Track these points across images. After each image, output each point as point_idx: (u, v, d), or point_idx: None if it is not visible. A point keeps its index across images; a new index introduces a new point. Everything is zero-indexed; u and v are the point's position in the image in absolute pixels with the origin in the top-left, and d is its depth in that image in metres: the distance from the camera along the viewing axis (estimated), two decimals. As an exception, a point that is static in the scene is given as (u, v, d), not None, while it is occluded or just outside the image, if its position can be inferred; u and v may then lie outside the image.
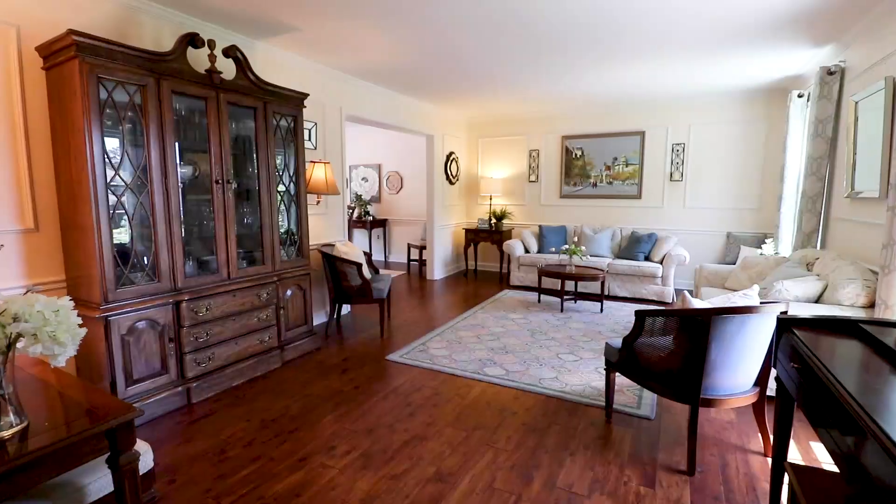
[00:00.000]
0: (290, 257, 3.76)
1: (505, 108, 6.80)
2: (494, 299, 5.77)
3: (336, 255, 4.29)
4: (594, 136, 6.79)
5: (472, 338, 4.25)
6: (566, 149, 7.00)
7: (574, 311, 5.19)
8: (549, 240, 6.57)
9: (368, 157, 8.99)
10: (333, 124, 4.85)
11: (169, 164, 2.83)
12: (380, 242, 9.07)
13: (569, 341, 4.16)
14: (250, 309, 3.37)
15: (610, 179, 6.76)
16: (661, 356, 2.42)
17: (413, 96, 6.06)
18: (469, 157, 7.85)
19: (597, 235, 6.37)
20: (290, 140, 3.70)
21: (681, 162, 6.33)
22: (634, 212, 6.67)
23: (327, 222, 4.85)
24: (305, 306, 3.89)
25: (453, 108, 6.91)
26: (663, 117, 6.37)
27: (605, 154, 6.75)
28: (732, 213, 6.13)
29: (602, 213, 6.88)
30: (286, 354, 3.69)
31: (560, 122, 7.02)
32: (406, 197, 8.69)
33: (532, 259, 6.36)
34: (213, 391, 3.12)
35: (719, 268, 4.44)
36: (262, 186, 3.44)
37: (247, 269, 3.37)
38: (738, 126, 5.99)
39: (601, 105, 6.54)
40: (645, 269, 5.65)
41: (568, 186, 7.06)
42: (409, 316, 5.04)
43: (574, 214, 7.07)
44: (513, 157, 7.47)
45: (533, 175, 7.31)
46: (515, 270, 6.53)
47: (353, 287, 4.24)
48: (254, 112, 3.37)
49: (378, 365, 3.63)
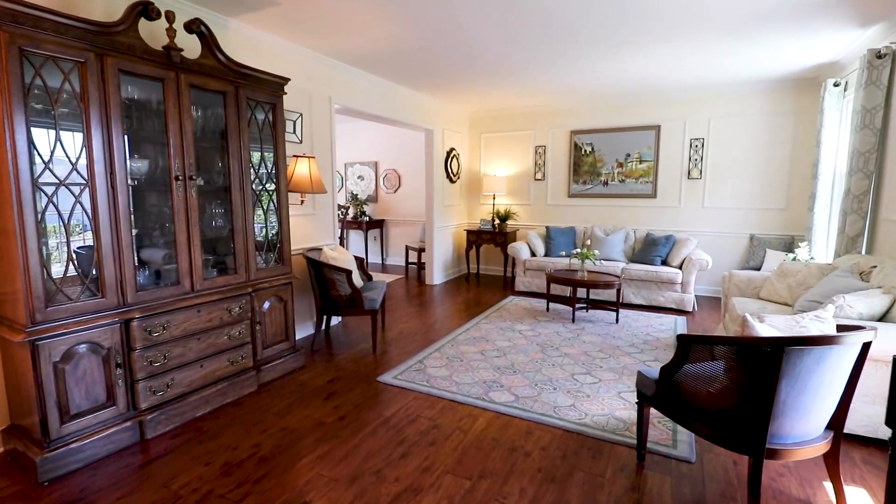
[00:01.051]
0: (269, 264, 3.31)
1: (509, 101, 6.34)
2: (499, 307, 5.31)
3: (323, 261, 3.83)
4: (605, 131, 6.33)
5: (475, 354, 3.79)
6: (575, 145, 6.54)
7: (586, 322, 4.73)
8: (557, 242, 6.11)
9: (364, 155, 8.53)
10: (321, 116, 4.39)
11: (116, 157, 2.37)
12: (376, 244, 8.61)
13: (584, 358, 3.70)
14: (219, 326, 2.91)
15: (622, 177, 6.30)
16: (711, 393, 1.96)
17: (411, 87, 5.60)
18: (471, 153, 7.39)
19: (609, 237, 5.90)
20: (268, 131, 3.24)
21: (699, 158, 5.86)
22: (649, 212, 6.20)
23: (315, 224, 4.39)
24: (286, 320, 3.44)
25: (454, 102, 6.45)
26: (681, 110, 5.91)
27: (617, 150, 6.29)
28: (756, 213, 5.66)
29: (614, 213, 6.42)
30: (263, 376, 3.24)
31: (568, 116, 6.56)
32: (404, 196, 8.24)
33: (539, 263, 5.90)
34: (171, 424, 2.66)
35: (752, 275, 3.97)
36: (233, 183, 2.98)
37: (215, 279, 2.92)
38: (762, 119, 5.52)
39: (613, 97, 6.07)
40: (663, 274, 5.19)
41: (577, 185, 6.60)
42: (406, 326, 4.58)
43: (583, 215, 6.61)
44: (517, 154, 7.00)
45: (539, 173, 6.84)
46: (521, 275, 6.07)
47: (342, 297, 3.78)
48: (223, 98, 2.91)
49: (368, 388, 3.17)
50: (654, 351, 3.88)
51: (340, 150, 8.74)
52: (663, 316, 4.99)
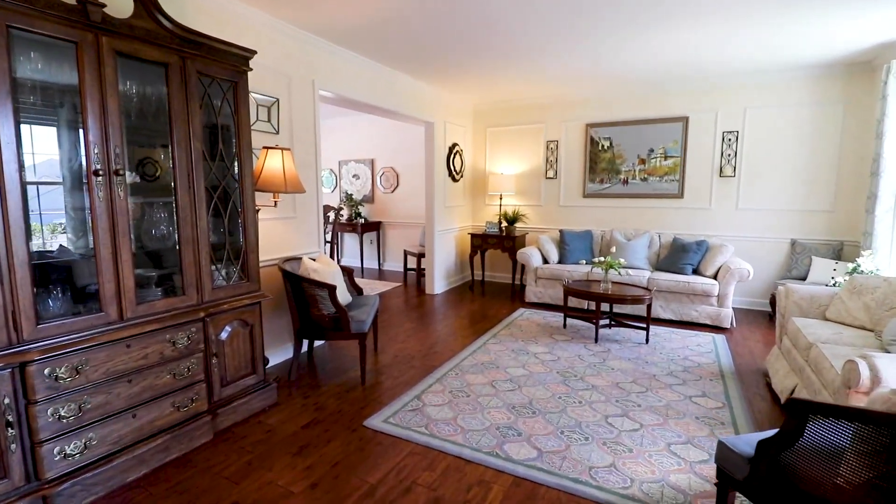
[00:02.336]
0: (230, 281, 2.67)
1: (518, 90, 5.70)
2: (509, 322, 4.67)
3: (302, 274, 3.20)
4: (626, 124, 5.68)
5: (483, 386, 3.15)
6: (591, 139, 5.90)
7: (611, 342, 4.09)
8: (573, 247, 5.47)
9: (360, 152, 7.90)
10: (303, 102, 3.76)
11: (2, 147, 1.74)
12: (373, 248, 7.98)
13: (616, 392, 3.06)
14: (159, 363, 2.27)
15: (644, 175, 5.65)
16: (843, 488, 1.33)
17: (408, 73, 4.97)
18: (475, 149, 6.75)
19: (631, 243, 5.26)
20: (228, 115, 2.61)
21: (733, 154, 5.21)
22: (675, 214, 5.56)
23: (296, 229, 3.76)
24: (253, 348, 2.80)
25: (457, 91, 5.81)
26: (712, 100, 5.26)
27: (639, 145, 5.64)
28: (798, 215, 5.01)
29: (635, 215, 5.77)
30: (222, 420, 2.60)
31: (584, 107, 5.91)
32: (403, 196, 7.60)
33: (553, 271, 5.26)
34: (91, 496, 2.03)
35: (815, 290, 3.33)
36: (179, 181, 2.34)
37: (154, 302, 2.28)
38: (806, 109, 4.87)
39: (636, 85, 5.43)
40: (696, 285, 4.54)
41: (593, 184, 5.95)
42: (402, 347, 3.94)
43: (601, 217, 5.96)
44: (527, 150, 6.36)
45: (551, 171, 6.20)
46: (532, 284, 5.43)
47: (324, 317, 3.15)
48: (165, 71, 2.28)
49: (352, 436, 2.54)
50: (699, 383, 3.23)
51: (334, 147, 8.11)
52: (698, 334, 4.34)
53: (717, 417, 2.74)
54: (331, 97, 4.28)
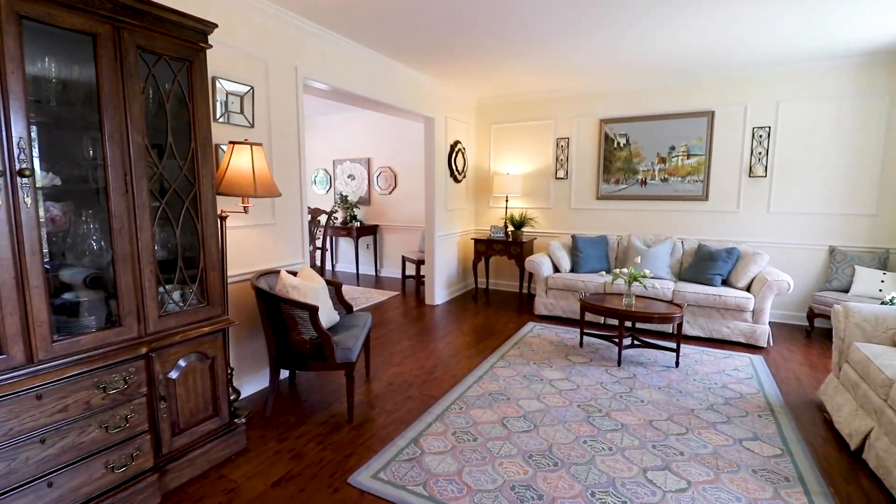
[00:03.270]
0: (186, 305, 2.19)
1: (526, 84, 5.21)
2: (517, 340, 4.19)
3: (279, 292, 2.72)
4: (644, 119, 5.20)
5: (493, 425, 2.67)
6: (606, 136, 5.41)
7: (636, 365, 3.61)
8: (586, 254, 4.98)
9: (355, 150, 7.42)
10: (283, 92, 3.28)
11: None
12: (369, 253, 7.49)
13: (652, 435, 2.57)
14: (84, 415, 1.79)
15: (665, 175, 5.17)
16: None
17: (407, 62, 4.48)
18: (479, 148, 6.27)
19: (651, 250, 4.77)
20: (179, 103, 2.13)
21: (765, 152, 4.73)
22: (699, 218, 5.07)
23: (275, 239, 3.27)
24: (215, 386, 2.32)
25: (460, 85, 5.33)
26: (741, 92, 4.78)
27: (659, 142, 5.16)
28: (838, 220, 4.53)
29: (654, 219, 5.28)
30: (172, 478, 2.12)
31: (598, 101, 5.42)
32: (401, 198, 7.12)
33: (565, 281, 4.77)
34: None
35: (880, 311, 2.83)
36: (113, 184, 1.86)
37: (79, 338, 1.80)
38: (846, 102, 4.38)
39: (657, 77, 4.94)
40: (728, 299, 4.05)
41: (608, 185, 5.47)
42: (398, 372, 3.46)
43: (616, 221, 5.47)
44: (535, 148, 5.88)
45: (561, 171, 5.71)
46: (542, 295, 4.95)
47: (304, 342, 2.67)
48: (93, 44, 1.79)
49: (333, 499, 2.05)
50: (746, 420, 2.75)
51: (328, 146, 7.63)
52: (732, 354, 3.85)
53: (778, 470, 2.25)
54: (322, 88, 3.80)
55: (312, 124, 7.71)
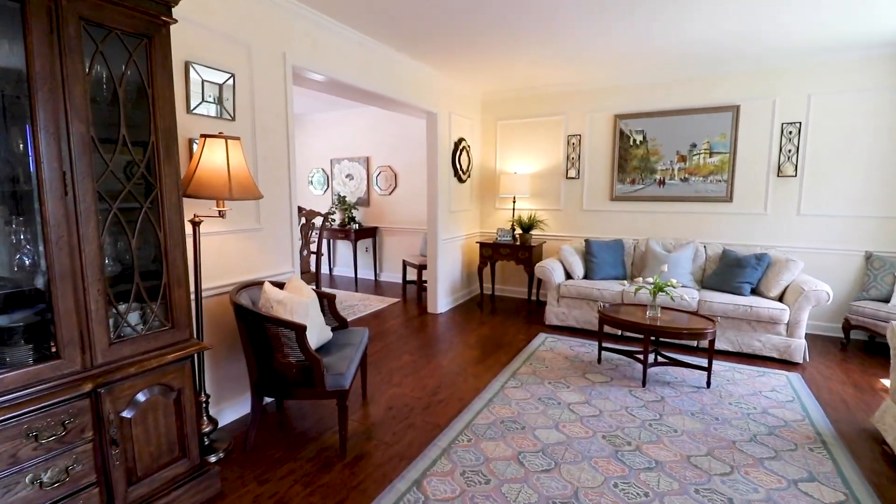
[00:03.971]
0: (146, 329, 1.84)
1: (535, 77, 4.86)
2: (529, 354, 3.84)
3: (262, 308, 2.37)
4: (663, 115, 4.84)
5: (507, 462, 2.32)
6: (621, 133, 5.06)
7: (662, 385, 3.26)
8: (601, 260, 4.63)
9: (354, 148, 7.07)
10: (270, 81, 2.93)
11: None
12: (368, 256, 7.15)
13: (693, 476, 2.22)
14: (8, 471, 1.45)
15: (685, 175, 4.82)
16: None
17: (408, 53, 4.14)
18: (484, 145, 5.92)
19: (672, 255, 4.42)
20: (138, 88, 1.78)
21: (794, 149, 4.37)
22: (722, 220, 4.71)
23: (260, 246, 2.93)
24: (181, 423, 1.97)
25: (464, 78, 4.98)
26: (769, 85, 4.42)
27: (679, 139, 4.80)
28: (875, 223, 4.17)
29: (673, 221, 4.93)
30: (128, 537, 1.78)
31: (613, 95, 5.07)
32: (402, 199, 6.77)
33: (579, 289, 4.42)
34: None
35: (949, 330, 2.48)
36: (48, 185, 1.51)
37: (1, 377, 1.45)
38: (886, 95, 4.03)
39: (677, 68, 4.59)
40: (761, 310, 3.70)
41: (623, 185, 5.11)
42: (398, 393, 3.12)
43: (631, 224, 5.12)
44: (544, 146, 5.52)
45: (573, 170, 5.36)
46: (553, 304, 4.60)
47: (290, 366, 2.32)
48: (22, 15, 1.45)
49: (320, 561, 1.71)
50: (797, 455, 2.39)
51: (325, 144, 7.29)
52: (766, 371, 3.50)
53: (848, 523, 1.90)
54: (317, 80, 3.47)
55: (308, 122, 7.37)
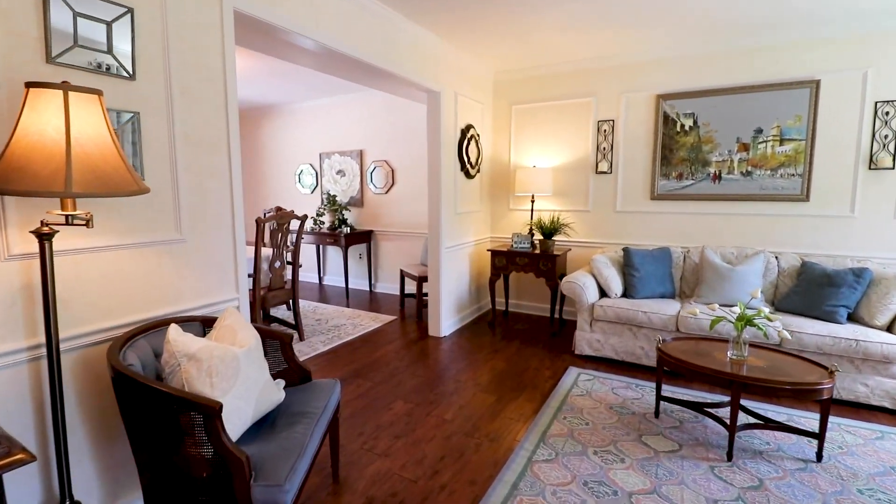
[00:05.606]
0: None
1: (559, 49, 3.95)
2: (560, 402, 2.93)
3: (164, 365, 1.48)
4: (719, 93, 3.92)
5: None
6: (665, 116, 4.14)
7: (752, 456, 2.34)
8: (644, 273, 3.71)
9: (345, 141, 6.18)
10: (196, 25, 2.04)
11: None
12: (362, 264, 6.26)
13: None
14: None
15: (747, 167, 3.89)
16: None
17: (403, 10, 3.24)
18: (496, 134, 5.01)
19: (737, 268, 3.49)
20: None
21: (892, 134, 3.44)
22: (797, 225, 3.78)
23: (183, 266, 2.03)
24: None
25: (474, 52, 4.07)
26: (859, 53, 3.49)
27: (740, 123, 3.88)
28: None
29: (731, 226, 4.00)
30: None
31: (655, 70, 4.15)
32: (400, 198, 5.88)
33: (619, 311, 3.50)
34: None
35: None
36: None
37: None
38: None
39: (736, 34, 3.66)
40: (871, 345, 2.76)
41: (667, 181, 4.19)
42: (383, 469, 2.21)
43: (677, 228, 4.19)
44: (569, 135, 4.61)
45: (604, 162, 4.44)
46: (585, 328, 3.68)
47: (199, 462, 1.43)
48: None
49: None
50: None
51: (314, 137, 6.41)
52: (885, 431, 2.57)
53: None
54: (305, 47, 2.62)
55: (293, 111, 6.50)
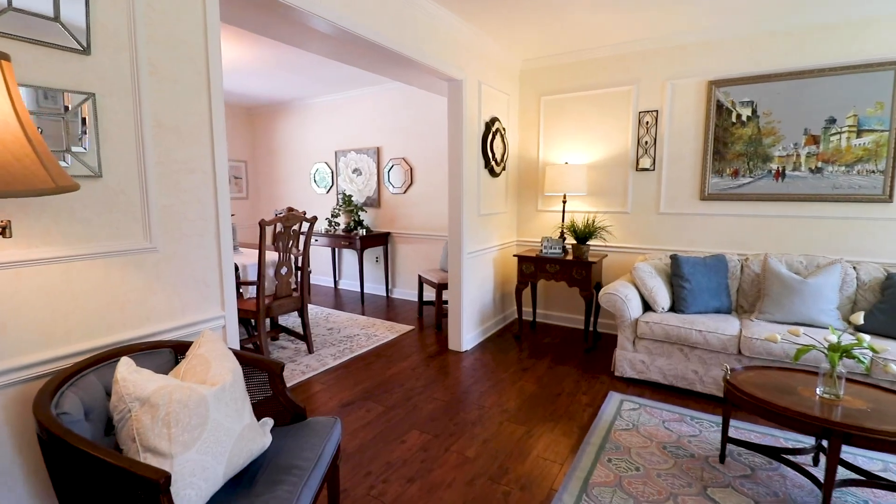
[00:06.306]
0: None
1: (595, 30, 3.51)
2: (602, 438, 2.50)
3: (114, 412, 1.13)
4: (783, 77, 3.41)
5: None
6: (718, 105, 3.65)
7: (848, 518, 1.88)
8: (697, 285, 3.24)
9: (362, 138, 5.85)
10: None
11: None
12: (379, 268, 5.91)
13: None
14: None
15: (817, 163, 3.37)
16: None
17: (419, -14, 2.87)
18: (524, 129, 4.59)
19: (809, 281, 2.99)
20: None
21: None
22: (878, 230, 3.25)
23: (154, 279, 1.69)
24: None
25: (499, 35, 3.66)
26: (961, 25, 2.95)
27: (809, 112, 3.37)
28: None
29: (799, 230, 3.48)
30: None
31: (707, 52, 3.66)
32: (419, 199, 5.51)
33: (667, 328, 3.04)
34: None
35: None
36: None
37: None
38: None
39: (802, 10, 3.15)
40: None
41: (720, 178, 3.70)
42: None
43: (733, 233, 3.69)
44: (605, 128, 4.15)
45: (646, 159, 3.97)
46: (627, 347, 3.24)
47: (150, 548, 1.07)
48: None
49: None
50: None
51: (330, 134, 6.10)
52: None
53: None
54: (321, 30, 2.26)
55: (307, 107, 6.20)
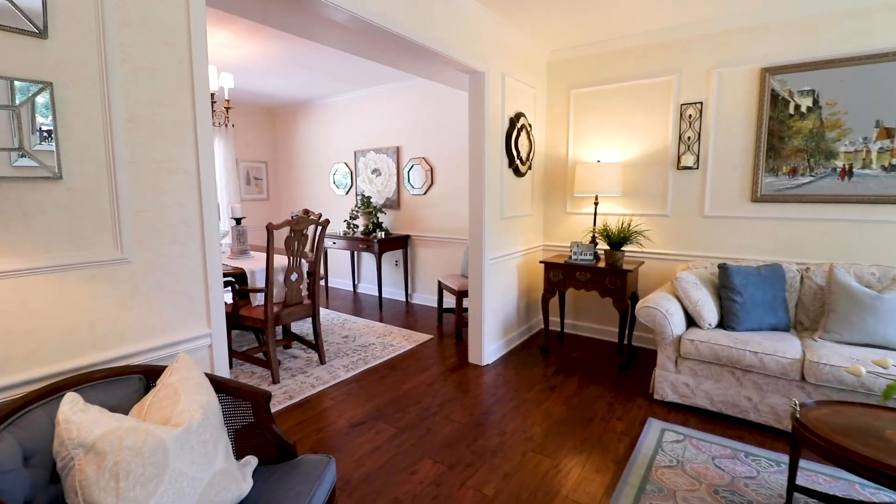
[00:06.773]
0: None
1: (631, 15, 3.17)
2: (640, 475, 2.18)
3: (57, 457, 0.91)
4: (850, 63, 3.00)
5: None
6: (773, 95, 3.25)
7: None
8: (749, 297, 2.86)
9: (381, 137, 5.64)
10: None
11: None
12: (398, 272, 5.69)
13: None
14: None
15: (890, 160, 2.95)
16: None
17: (437, -32, 2.61)
18: (551, 125, 4.27)
19: (886, 296, 2.58)
20: None
21: None
22: (966, 235, 2.81)
23: (128, 296, 1.48)
24: None
25: (525, 23, 3.37)
26: None
27: (880, 102, 2.95)
28: None
29: (870, 237, 3.05)
30: None
31: (759, 36, 3.27)
32: (439, 200, 5.25)
33: (716, 348, 2.69)
34: None
35: None
36: None
37: None
38: None
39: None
40: None
41: (775, 177, 3.30)
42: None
43: (790, 239, 3.29)
44: (642, 123, 3.80)
45: (688, 156, 3.60)
46: (669, 367, 2.89)
47: None
48: None
49: None
50: None
51: (349, 133, 5.92)
52: None
53: None
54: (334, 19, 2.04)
55: (325, 106, 6.03)
